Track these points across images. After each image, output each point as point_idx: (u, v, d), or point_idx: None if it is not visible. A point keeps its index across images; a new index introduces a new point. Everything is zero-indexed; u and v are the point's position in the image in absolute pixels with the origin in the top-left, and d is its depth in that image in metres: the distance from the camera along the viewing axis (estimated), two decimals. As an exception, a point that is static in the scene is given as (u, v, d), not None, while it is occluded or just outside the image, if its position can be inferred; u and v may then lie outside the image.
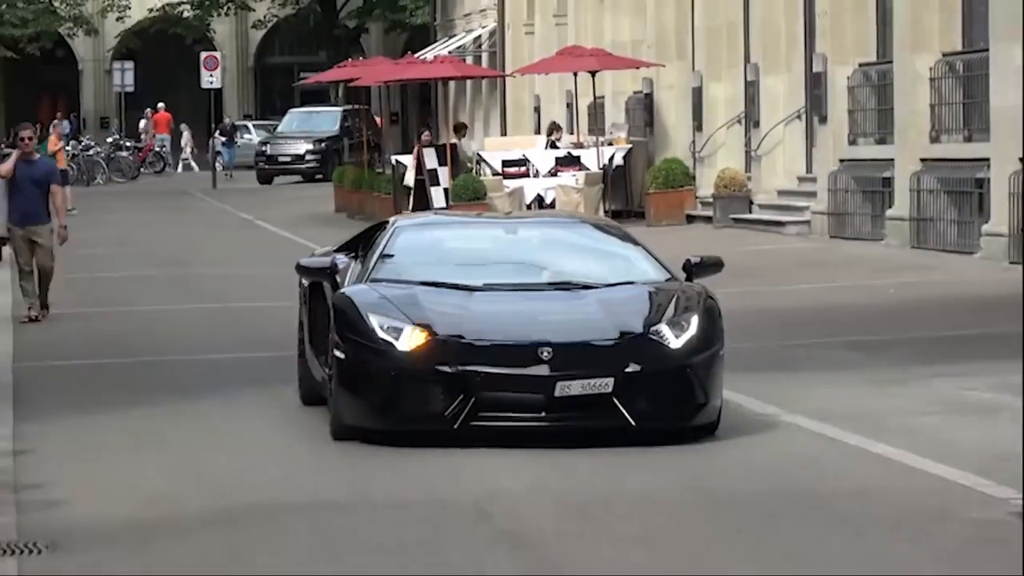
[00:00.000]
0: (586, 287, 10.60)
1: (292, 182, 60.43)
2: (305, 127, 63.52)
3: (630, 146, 37.44)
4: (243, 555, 7.70)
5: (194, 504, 8.94)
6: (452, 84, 52.34)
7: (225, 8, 78.55)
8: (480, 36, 55.43)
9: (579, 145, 37.77)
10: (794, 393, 13.78)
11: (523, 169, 36.36)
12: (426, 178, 37.02)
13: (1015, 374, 13.28)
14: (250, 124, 73.86)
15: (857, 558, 7.57)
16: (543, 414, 9.38)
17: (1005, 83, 25.72)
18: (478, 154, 39.36)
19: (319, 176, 57.46)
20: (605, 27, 42.59)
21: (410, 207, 36.45)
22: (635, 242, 11.72)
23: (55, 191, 21.26)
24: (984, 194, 26.95)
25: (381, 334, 9.66)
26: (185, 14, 78.37)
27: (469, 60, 53.86)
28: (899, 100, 28.48)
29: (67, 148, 54.68)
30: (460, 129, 43.53)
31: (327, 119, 63.84)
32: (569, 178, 35.47)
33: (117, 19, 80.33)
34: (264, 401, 13.70)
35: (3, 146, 35.74)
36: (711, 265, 11.22)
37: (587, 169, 35.55)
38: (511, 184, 35.46)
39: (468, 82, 53.59)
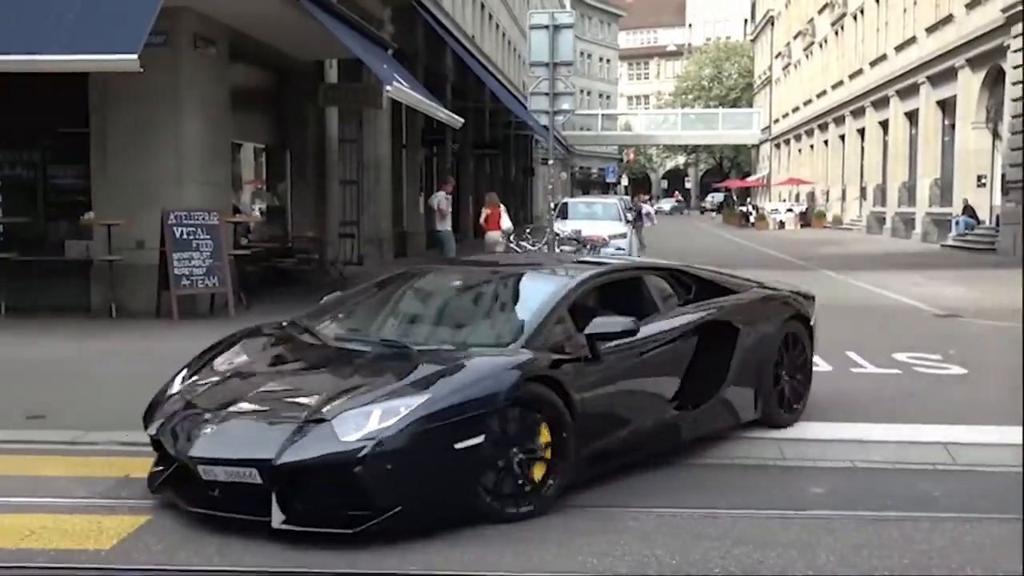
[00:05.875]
0: (406, 350, 5.56)
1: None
2: (715, 198, 78.13)
3: (807, 206, 51.08)
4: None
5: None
6: (759, 188, 68.91)
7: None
8: (764, 175, 66.99)
9: (795, 204, 51.60)
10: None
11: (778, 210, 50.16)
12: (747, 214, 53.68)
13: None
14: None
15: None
16: (205, 490, 4.88)
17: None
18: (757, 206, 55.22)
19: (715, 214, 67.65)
20: (801, 170, 55.24)
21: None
22: (553, 296, 5.87)
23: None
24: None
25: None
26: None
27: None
28: (920, 198, 33.88)
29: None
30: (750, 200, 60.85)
31: (721, 196, 74.92)
32: (789, 214, 48.76)
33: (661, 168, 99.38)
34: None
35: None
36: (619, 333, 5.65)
37: (793, 212, 48.92)
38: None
39: (760, 188, 66.82)
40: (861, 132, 44.12)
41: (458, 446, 4.83)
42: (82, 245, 13.34)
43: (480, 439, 4.90)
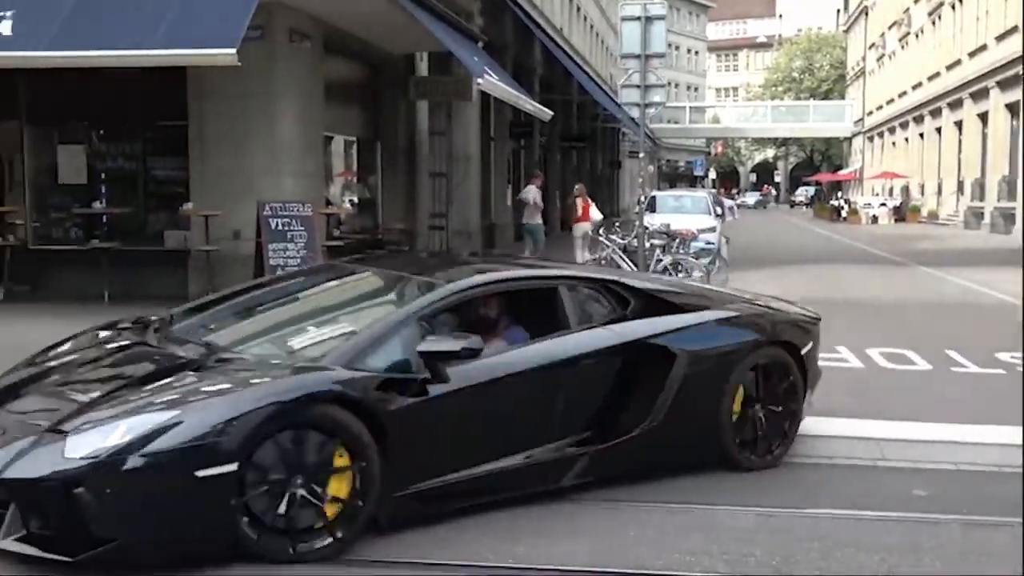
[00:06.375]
0: (206, 359, 4.92)
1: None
2: (807, 191, 76.88)
3: (901, 200, 49.36)
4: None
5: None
6: (851, 182, 67.82)
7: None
8: (857, 169, 65.84)
9: (888, 199, 50.46)
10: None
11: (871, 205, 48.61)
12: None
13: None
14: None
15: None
16: None
17: None
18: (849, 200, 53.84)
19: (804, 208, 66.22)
20: (895, 164, 53.84)
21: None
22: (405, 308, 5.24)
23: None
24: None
25: None
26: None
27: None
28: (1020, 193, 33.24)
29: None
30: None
31: (811, 190, 75.16)
32: (883, 208, 47.59)
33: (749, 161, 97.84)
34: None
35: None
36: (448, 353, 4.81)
37: (887, 206, 47.43)
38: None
39: (853, 181, 66.72)
40: (959, 125, 42.89)
41: (201, 474, 4.17)
42: (180, 235, 13.63)
43: (232, 467, 4.22)
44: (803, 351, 6.26)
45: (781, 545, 4.76)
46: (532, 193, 18.03)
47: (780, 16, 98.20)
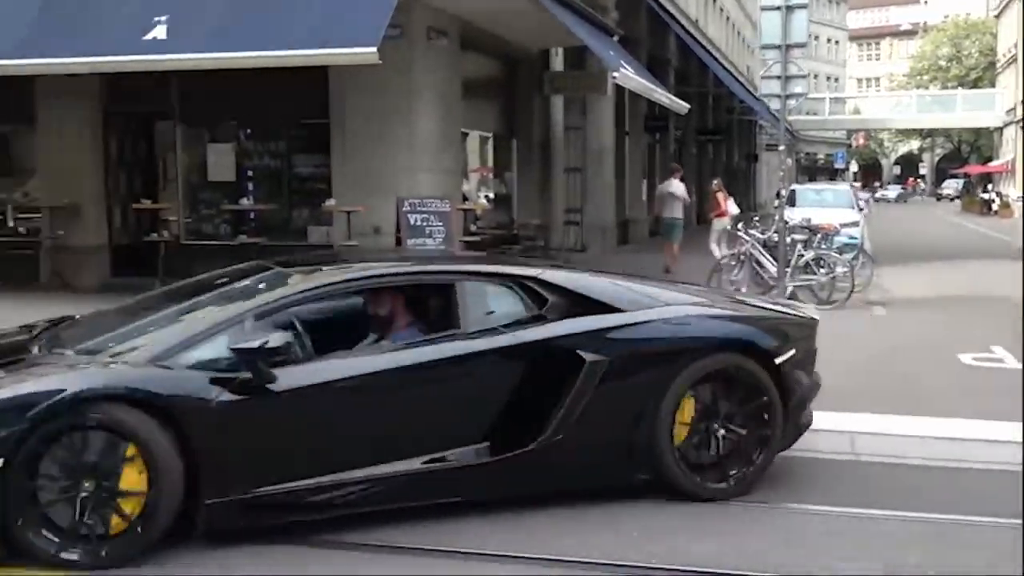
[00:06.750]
0: (34, 354, 4.86)
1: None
2: (957, 184, 74.39)
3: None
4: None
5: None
6: (1003, 174, 64.72)
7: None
8: (1009, 160, 60.34)
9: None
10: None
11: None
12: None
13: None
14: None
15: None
16: None
17: None
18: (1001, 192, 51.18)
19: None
20: None
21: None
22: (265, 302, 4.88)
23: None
24: None
25: None
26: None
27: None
28: None
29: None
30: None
31: (958, 182, 73.55)
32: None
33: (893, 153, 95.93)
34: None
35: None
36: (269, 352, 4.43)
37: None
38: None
39: (1004, 174, 61.95)
40: (1122, 112, 40.54)
41: None
42: (323, 231, 13.95)
43: None
44: (779, 359, 5.34)
45: (939, 552, 4.55)
46: (681, 188, 17.53)
47: (925, 2, 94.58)
